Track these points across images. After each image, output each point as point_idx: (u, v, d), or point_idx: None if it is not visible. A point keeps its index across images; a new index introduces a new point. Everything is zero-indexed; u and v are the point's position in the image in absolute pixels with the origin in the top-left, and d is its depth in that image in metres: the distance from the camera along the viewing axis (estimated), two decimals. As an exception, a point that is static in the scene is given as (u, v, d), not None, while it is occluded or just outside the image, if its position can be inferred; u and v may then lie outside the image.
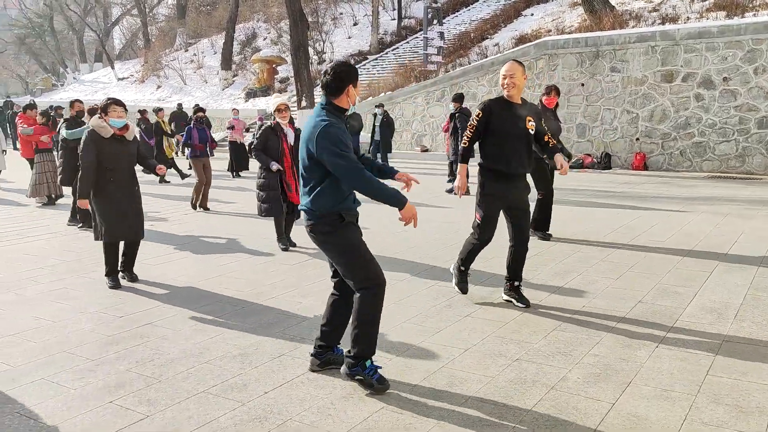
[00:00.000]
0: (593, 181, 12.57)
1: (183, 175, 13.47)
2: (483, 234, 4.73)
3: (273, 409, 3.20)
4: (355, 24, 33.77)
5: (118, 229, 5.46)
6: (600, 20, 18.48)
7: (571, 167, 15.17)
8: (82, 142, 5.39)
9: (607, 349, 3.91)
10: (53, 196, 10.43)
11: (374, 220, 8.33)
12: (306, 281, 5.55)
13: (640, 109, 14.84)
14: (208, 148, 10.17)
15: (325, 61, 30.37)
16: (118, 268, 5.66)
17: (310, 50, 30.45)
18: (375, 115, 16.05)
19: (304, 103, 19.79)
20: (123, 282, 5.62)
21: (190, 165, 13.90)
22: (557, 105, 7.37)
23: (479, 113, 4.61)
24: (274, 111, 6.58)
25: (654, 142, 14.72)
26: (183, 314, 4.71)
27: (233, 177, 14.55)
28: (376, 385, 3.35)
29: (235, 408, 3.22)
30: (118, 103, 5.45)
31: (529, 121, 4.60)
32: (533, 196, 5.55)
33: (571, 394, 3.31)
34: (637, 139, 14.89)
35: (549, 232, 7.14)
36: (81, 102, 9.12)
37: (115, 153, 5.40)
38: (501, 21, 27.28)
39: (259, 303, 4.87)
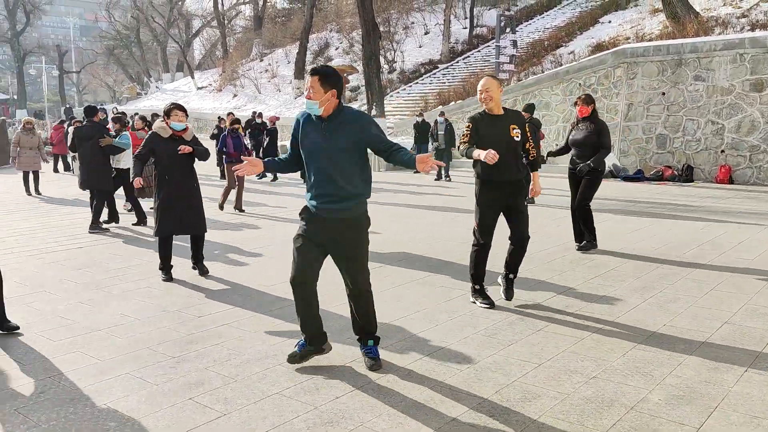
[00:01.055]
0: (674, 195, 12.05)
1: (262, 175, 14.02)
2: (481, 238, 4.94)
3: (345, 414, 3.22)
4: (426, 33, 33.87)
5: (167, 224, 5.85)
6: (683, 27, 17.77)
7: (649, 179, 14.60)
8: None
9: (691, 370, 3.72)
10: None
11: (444, 227, 8.29)
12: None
13: (726, 119, 14.13)
14: (245, 155, 10.87)
15: (395, 70, 30.58)
16: (170, 264, 6.03)
17: (381, 60, 30.83)
18: (437, 122, 16.04)
19: (374, 112, 19.99)
20: (202, 280, 5.83)
21: (222, 170, 14.47)
22: (594, 113, 6.93)
23: (469, 124, 4.88)
24: None
25: (741, 155, 13.97)
26: (258, 317, 4.83)
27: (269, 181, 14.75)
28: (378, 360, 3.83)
29: (308, 411, 3.26)
30: (179, 108, 5.96)
31: (513, 128, 4.85)
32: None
33: (652, 416, 3.17)
34: (722, 151, 14.18)
35: (588, 242, 7.00)
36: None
37: (173, 152, 5.83)
38: (576, 28, 26.71)
39: (330, 309, 4.94)
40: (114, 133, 9.61)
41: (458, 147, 5.00)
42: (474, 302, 5.08)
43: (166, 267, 5.98)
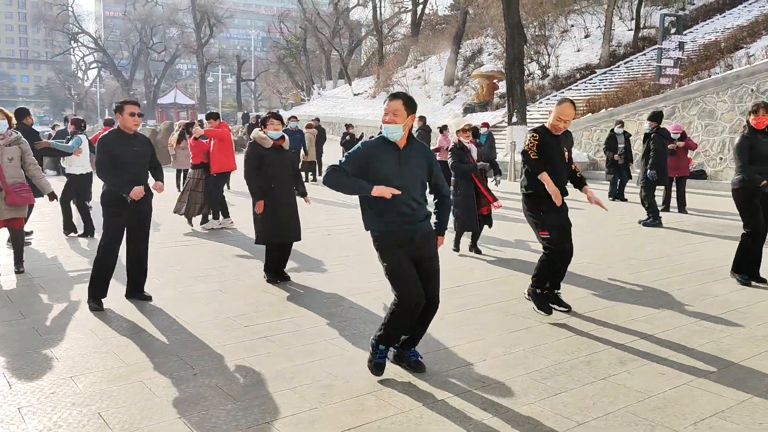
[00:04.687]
0: None
1: None
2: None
3: None
4: (587, 36, 31.95)
5: (270, 231, 5.89)
6: None
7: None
8: (245, 153, 5.83)
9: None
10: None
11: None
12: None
13: None
14: None
15: (549, 76, 29.22)
16: (273, 267, 6.07)
17: (534, 65, 29.58)
18: (613, 133, 13.03)
19: (515, 119, 19.17)
20: (271, 290, 5.81)
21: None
22: None
23: (535, 136, 4.85)
24: (458, 131, 7.28)
25: None
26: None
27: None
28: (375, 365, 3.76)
29: None
30: (275, 116, 5.98)
31: (565, 151, 4.97)
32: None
33: None
34: None
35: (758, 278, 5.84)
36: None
37: (275, 161, 5.85)
38: (763, 28, 23.51)
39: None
40: (69, 134, 8.78)
41: (524, 160, 4.91)
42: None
43: (270, 269, 6.07)
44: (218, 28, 58.03)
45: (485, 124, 15.60)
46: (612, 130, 13.10)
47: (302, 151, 16.13)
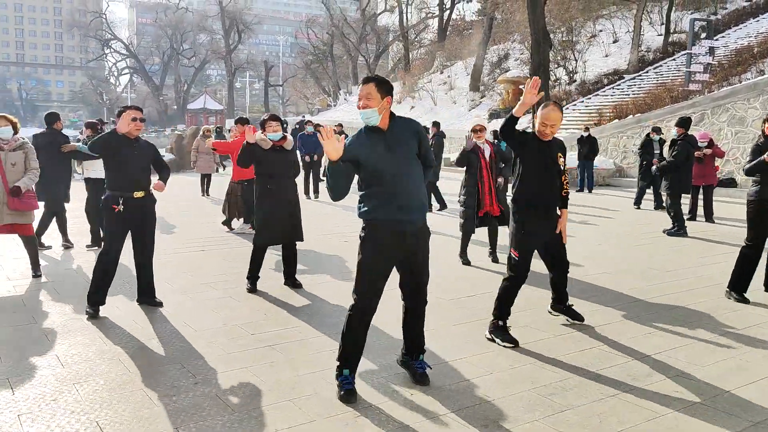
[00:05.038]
0: None
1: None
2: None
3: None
4: (615, 41, 31.51)
5: (267, 234, 5.88)
6: None
7: None
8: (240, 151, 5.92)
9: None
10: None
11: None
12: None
13: None
14: None
15: (576, 81, 28.86)
16: (258, 274, 6.01)
17: (562, 70, 29.26)
18: (650, 138, 12.38)
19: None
20: (284, 293, 5.78)
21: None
22: None
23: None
24: (471, 131, 7.22)
25: None
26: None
27: None
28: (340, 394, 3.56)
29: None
30: (274, 118, 6.01)
31: (560, 157, 4.58)
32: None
33: None
34: None
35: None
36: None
37: (275, 161, 5.89)
38: (798, 32, 22.91)
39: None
40: (86, 138, 8.47)
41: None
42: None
43: (253, 276, 6.02)
44: (246, 34, 58.79)
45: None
46: (648, 135, 12.56)
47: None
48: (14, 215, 6.05)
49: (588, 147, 15.78)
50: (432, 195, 11.63)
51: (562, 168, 4.57)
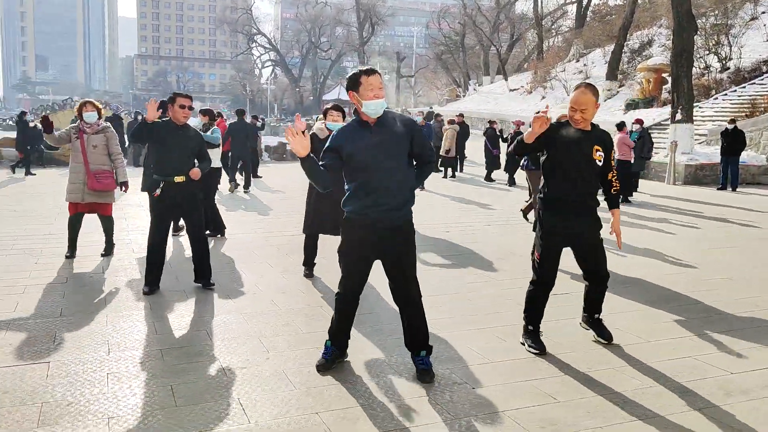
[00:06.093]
0: None
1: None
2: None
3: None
4: (780, 23, 28.21)
5: (314, 223, 5.87)
6: None
7: None
8: None
9: None
10: None
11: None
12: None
13: None
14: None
15: (729, 68, 26.26)
16: (314, 261, 6.08)
17: (713, 56, 26.73)
18: None
19: (678, 116, 17.42)
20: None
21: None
22: None
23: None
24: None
25: None
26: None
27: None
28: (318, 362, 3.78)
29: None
30: (336, 108, 5.91)
31: (597, 150, 4.04)
32: None
33: None
34: None
35: None
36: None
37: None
38: None
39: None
40: (202, 126, 8.37)
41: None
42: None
43: (308, 263, 6.09)
44: (380, 26, 59.85)
45: (639, 121, 14.44)
46: None
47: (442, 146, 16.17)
48: (94, 195, 6.56)
49: (732, 140, 14.33)
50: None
51: (599, 162, 3.96)
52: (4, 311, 4.80)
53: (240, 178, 13.49)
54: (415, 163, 3.64)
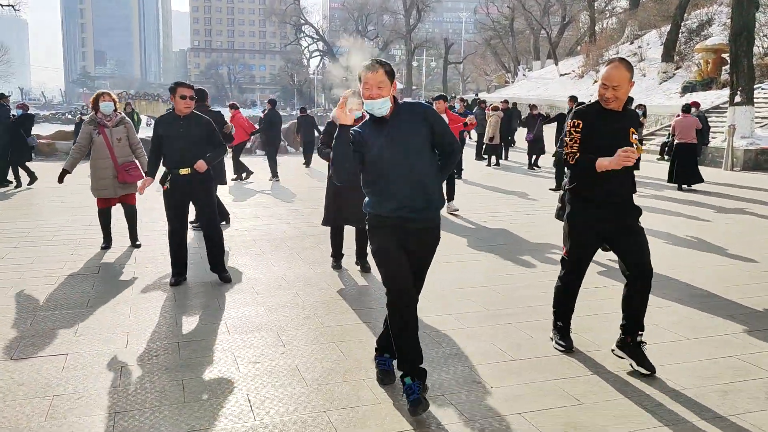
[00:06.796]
0: None
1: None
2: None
3: None
4: None
5: (331, 216, 5.75)
6: None
7: None
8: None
9: None
10: None
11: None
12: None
13: None
14: None
15: (795, 47, 24.73)
16: (341, 252, 5.94)
17: (775, 34, 25.19)
18: None
19: (738, 99, 16.50)
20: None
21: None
22: None
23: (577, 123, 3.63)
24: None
25: None
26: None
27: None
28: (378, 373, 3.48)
29: None
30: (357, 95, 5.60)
31: (633, 133, 3.62)
32: None
33: None
34: None
35: None
36: None
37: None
38: None
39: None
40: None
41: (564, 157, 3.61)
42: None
43: (336, 255, 5.97)
44: (426, 12, 59.18)
45: (695, 104, 13.73)
46: None
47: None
48: (123, 188, 6.62)
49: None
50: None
51: (635, 146, 3.49)
52: (33, 302, 4.88)
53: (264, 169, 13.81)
54: (438, 153, 3.29)
